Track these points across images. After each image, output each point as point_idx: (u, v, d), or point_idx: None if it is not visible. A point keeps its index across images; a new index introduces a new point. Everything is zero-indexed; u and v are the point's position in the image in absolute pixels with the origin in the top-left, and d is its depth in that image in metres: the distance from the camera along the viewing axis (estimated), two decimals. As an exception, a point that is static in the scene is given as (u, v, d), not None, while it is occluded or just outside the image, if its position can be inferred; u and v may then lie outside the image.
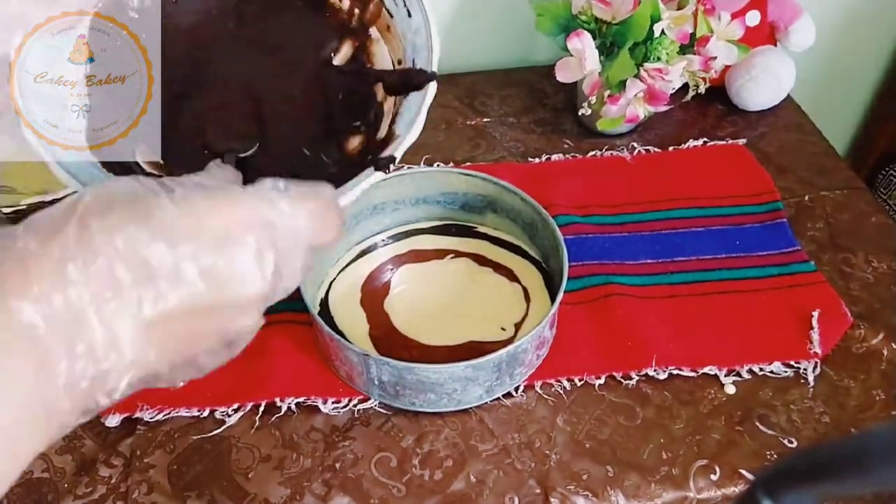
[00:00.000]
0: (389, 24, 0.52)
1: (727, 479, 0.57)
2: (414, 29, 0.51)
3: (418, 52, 0.51)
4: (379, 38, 0.53)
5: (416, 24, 0.50)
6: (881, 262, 0.73)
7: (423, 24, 0.50)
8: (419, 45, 0.50)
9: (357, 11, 0.52)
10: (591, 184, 0.81)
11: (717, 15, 0.77)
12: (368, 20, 0.52)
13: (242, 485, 0.57)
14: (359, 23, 0.53)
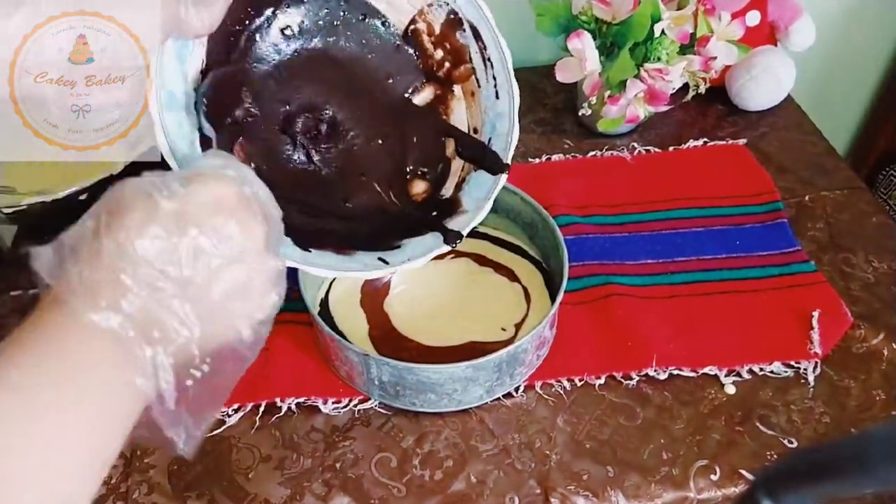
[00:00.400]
0: (475, 92, 0.55)
1: (727, 479, 0.57)
2: (497, 111, 0.53)
3: (497, 136, 0.53)
4: (461, 98, 0.56)
5: (502, 109, 0.53)
6: (881, 262, 0.73)
7: (509, 114, 0.53)
8: (499, 130, 0.53)
9: (447, 65, 0.55)
10: (592, 184, 0.81)
11: (718, 15, 0.77)
12: (455, 77, 0.55)
13: (243, 485, 0.57)
14: (445, 75, 0.55)
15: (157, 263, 0.32)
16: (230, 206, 0.35)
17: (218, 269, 0.34)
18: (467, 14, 0.52)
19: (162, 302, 0.32)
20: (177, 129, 0.48)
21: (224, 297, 0.34)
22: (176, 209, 0.33)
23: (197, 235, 0.33)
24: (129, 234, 0.32)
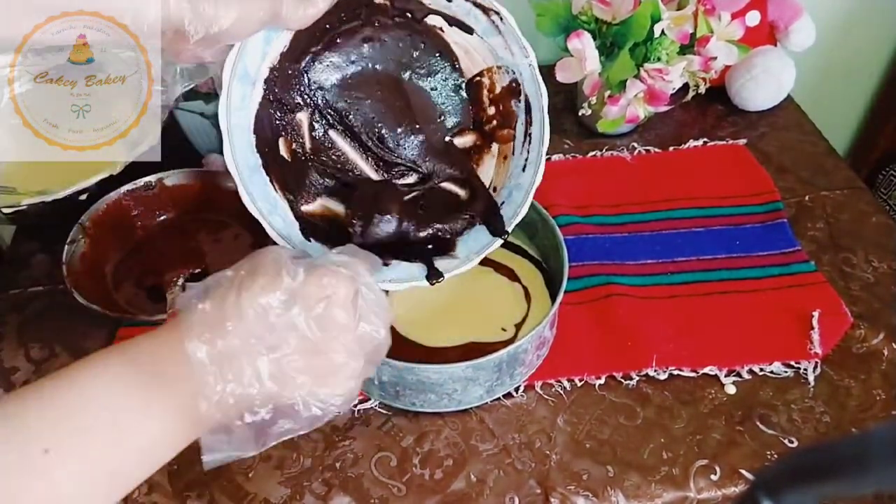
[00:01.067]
0: (507, 157, 0.59)
1: (727, 479, 0.57)
2: (518, 182, 0.57)
3: (509, 204, 0.57)
4: (494, 157, 0.60)
5: (523, 182, 0.57)
6: (881, 262, 0.73)
7: (527, 189, 0.56)
8: (513, 199, 0.57)
9: (495, 123, 0.59)
10: (592, 184, 0.81)
11: (717, 15, 0.77)
12: (498, 136, 0.59)
13: (243, 484, 0.57)
14: (490, 131, 0.60)
15: (258, 325, 0.38)
16: (338, 302, 0.40)
17: (301, 349, 0.39)
18: (527, 88, 0.56)
19: (248, 354, 0.38)
20: (240, 101, 0.50)
21: (297, 372, 0.39)
22: (291, 288, 0.39)
23: (297, 315, 0.39)
24: (248, 294, 0.39)
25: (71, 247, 0.67)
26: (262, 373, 0.39)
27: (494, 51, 0.56)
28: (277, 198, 0.53)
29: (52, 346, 0.67)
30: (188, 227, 0.75)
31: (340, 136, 0.58)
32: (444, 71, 0.59)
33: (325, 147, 0.57)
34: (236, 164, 0.50)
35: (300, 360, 0.40)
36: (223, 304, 0.39)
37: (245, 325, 0.38)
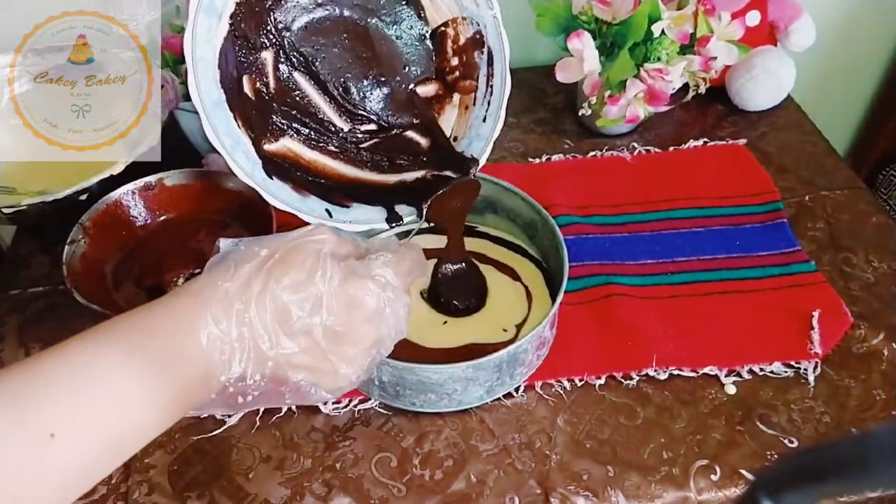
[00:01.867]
0: (468, 107, 0.60)
1: (728, 479, 0.57)
2: (479, 133, 0.58)
3: (467, 153, 0.58)
4: (455, 106, 0.61)
5: (483, 133, 0.58)
6: (881, 262, 0.73)
7: (486, 139, 0.57)
8: (473, 149, 0.58)
9: (457, 73, 0.60)
10: (592, 184, 0.81)
11: (717, 15, 0.77)
12: (460, 87, 0.60)
13: (243, 485, 0.57)
14: (452, 82, 0.60)
15: (275, 322, 0.39)
16: (362, 317, 0.41)
17: (310, 350, 0.40)
18: (490, 40, 0.57)
19: (259, 347, 0.39)
20: (205, 33, 0.50)
21: (299, 369, 0.40)
22: (318, 294, 0.39)
23: (317, 324, 0.40)
24: (275, 287, 0.38)
25: (71, 247, 0.67)
26: (268, 367, 0.39)
27: (460, 1, 0.57)
28: (241, 134, 0.53)
29: (52, 347, 0.67)
30: (188, 227, 0.75)
31: (305, 80, 0.58)
32: (409, 19, 0.59)
33: (289, 89, 0.58)
34: (200, 96, 0.50)
35: (306, 360, 0.40)
36: (247, 290, 0.38)
37: (262, 319, 0.38)
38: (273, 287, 0.38)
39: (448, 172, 0.58)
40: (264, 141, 0.56)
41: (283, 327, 0.39)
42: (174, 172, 0.74)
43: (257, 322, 0.38)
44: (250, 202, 0.72)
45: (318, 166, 0.58)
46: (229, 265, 0.39)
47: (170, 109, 0.75)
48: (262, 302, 0.38)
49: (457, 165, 0.58)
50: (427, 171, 0.59)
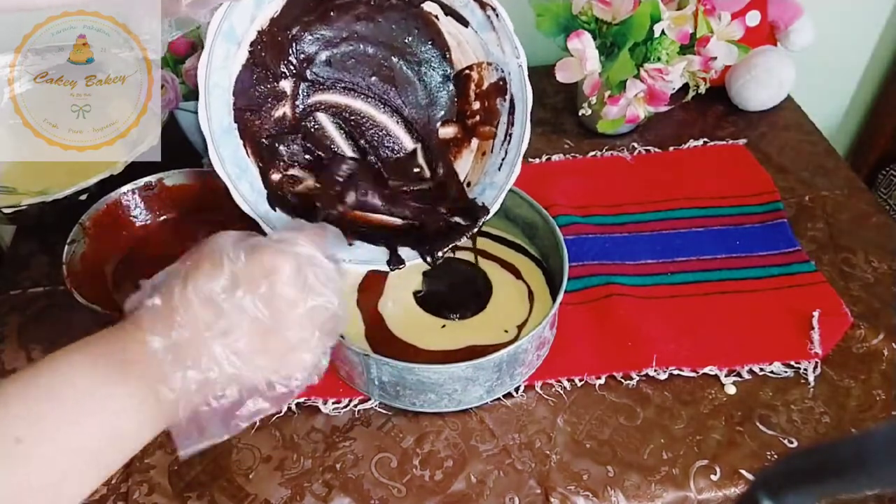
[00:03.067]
0: (485, 153, 0.59)
1: (727, 479, 0.57)
2: (493, 181, 0.58)
3: (479, 200, 0.58)
4: (473, 152, 0.61)
5: (497, 181, 0.57)
6: (881, 262, 0.73)
7: (499, 188, 0.57)
8: (486, 196, 0.58)
9: (478, 118, 0.60)
10: (592, 184, 0.81)
11: (717, 15, 0.77)
12: (479, 132, 0.60)
13: (243, 485, 0.57)
14: (472, 126, 0.60)
15: (206, 312, 0.39)
16: (282, 279, 0.40)
17: (253, 330, 0.40)
18: (513, 89, 0.57)
19: (202, 341, 0.39)
20: (222, 60, 0.50)
21: (253, 353, 0.40)
22: (233, 272, 0.40)
23: (242, 297, 0.39)
24: (194, 284, 0.39)
25: (71, 247, 0.67)
26: (218, 357, 0.39)
27: (486, 46, 0.57)
28: (249, 163, 0.53)
29: (54, 348, 0.67)
30: (188, 227, 0.75)
31: (323, 113, 0.58)
32: (434, 60, 0.59)
33: (305, 120, 0.57)
34: (209, 122, 0.50)
35: (254, 341, 0.40)
36: (171, 298, 0.39)
37: (193, 314, 0.39)
38: (192, 285, 0.39)
39: (457, 219, 0.58)
40: (273, 170, 0.55)
41: (216, 314, 0.39)
42: (174, 172, 0.74)
43: (189, 317, 0.39)
44: (250, 202, 0.72)
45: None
46: (149, 290, 0.41)
47: (170, 109, 0.75)
48: (185, 298, 0.39)
49: (467, 213, 0.57)
50: (436, 215, 0.59)
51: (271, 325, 0.40)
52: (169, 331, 0.38)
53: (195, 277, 0.40)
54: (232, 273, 0.40)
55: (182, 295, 0.39)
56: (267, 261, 0.41)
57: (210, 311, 0.39)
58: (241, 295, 0.39)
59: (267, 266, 0.41)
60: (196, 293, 0.39)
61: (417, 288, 0.68)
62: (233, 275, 0.40)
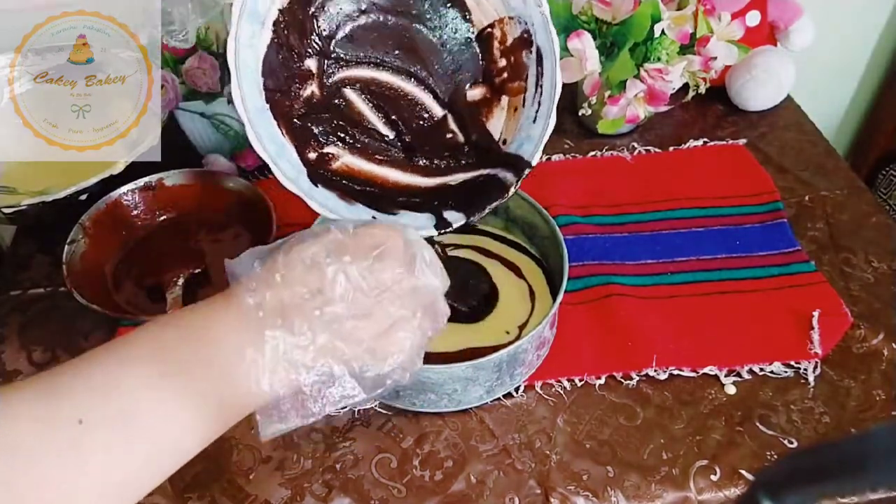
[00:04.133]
0: (517, 108, 0.58)
1: (727, 479, 0.57)
2: (528, 134, 0.56)
3: (519, 150, 0.57)
4: (504, 109, 0.60)
5: (533, 134, 0.56)
6: (881, 262, 0.73)
7: (536, 142, 0.55)
8: (523, 151, 0.56)
9: (505, 75, 0.58)
10: (592, 184, 0.81)
11: (717, 15, 0.77)
12: (508, 89, 0.58)
13: (243, 486, 0.57)
14: (500, 83, 0.59)
15: (308, 275, 0.38)
16: (391, 253, 0.40)
17: (354, 300, 0.38)
18: (539, 39, 0.55)
19: (299, 303, 0.37)
20: (248, 38, 0.50)
21: (351, 324, 0.38)
22: (340, 239, 0.39)
23: (348, 262, 0.38)
24: (300, 247, 0.39)
25: (71, 247, 0.67)
26: (313, 321, 0.37)
27: (506, 0, 0.55)
28: (285, 142, 0.53)
29: (54, 349, 0.67)
30: (188, 227, 0.75)
31: (350, 88, 0.57)
32: (454, 22, 0.58)
33: (333, 97, 0.57)
34: (244, 102, 0.49)
35: (354, 310, 0.38)
36: (274, 262, 0.38)
37: (294, 275, 0.38)
38: (296, 249, 0.39)
39: (500, 172, 0.57)
40: (308, 149, 0.55)
41: (318, 278, 0.38)
42: (174, 172, 0.74)
43: (290, 277, 0.37)
44: (250, 202, 0.72)
45: (363, 173, 0.57)
46: (253, 258, 0.40)
47: (170, 109, 0.75)
48: (287, 261, 0.38)
49: (510, 166, 0.56)
50: (477, 172, 0.58)
51: (374, 297, 0.39)
52: (266, 290, 0.37)
53: (301, 241, 0.39)
54: (340, 241, 0.39)
55: (286, 258, 0.38)
56: (378, 233, 0.40)
57: (314, 275, 0.38)
58: (348, 260, 0.38)
59: (378, 237, 0.40)
60: (301, 255, 0.38)
61: None
62: (341, 242, 0.39)
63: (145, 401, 0.35)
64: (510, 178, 0.56)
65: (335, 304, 0.38)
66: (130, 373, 0.35)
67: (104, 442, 0.33)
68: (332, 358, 0.38)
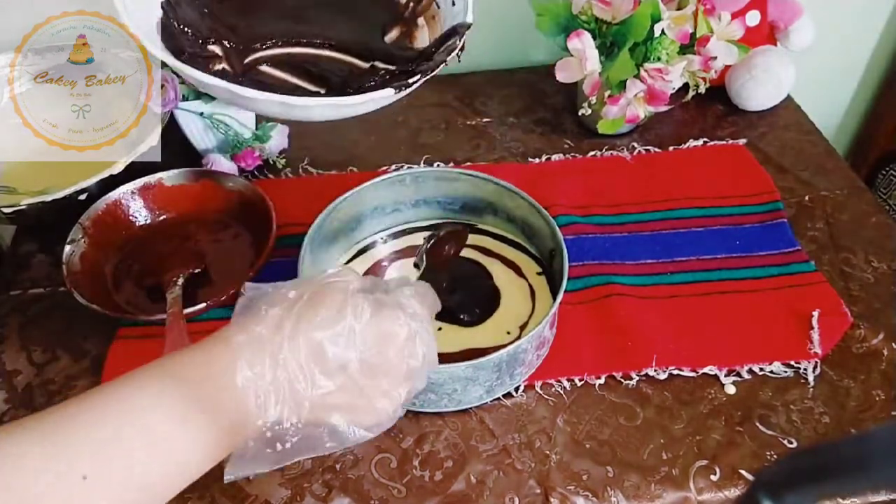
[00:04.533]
0: (435, 15, 0.59)
1: (727, 479, 0.57)
2: (455, 14, 0.57)
3: (455, 20, 0.58)
4: (423, 26, 0.60)
5: (458, 10, 0.56)
6: (881, 262, 0.73)
7: (464, 8, 0.56)
8: (458, 21, 0.57)
9: (411, 5, 0.60)
10: (591, 184, 0.81)
11: (717, 15, 0.77)
12: (419, 11, 0.59)
13: (243, 486, 0.57)
14: (411, 13, 0.60)
15: (310, 361, 0.39)
16: (395, 347, 0.41)
17: (346, 387, 0.40)
18: None
19: (293, 390, 0.39)
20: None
21: (335, 409, 0.40)
22: (350, 327, 0.40)
23: (352, 358, 0.40)
24: (306, 326, 0.39)
25: (71, 247, 0.67)
26: (303, 406, 0.39)
27: None
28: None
29: (54, 349, 0.67)
30: (188, 227, 0.75)
31: (268, 66, 0.58)
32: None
33: (250, 71, 0.57)
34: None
35: (342, 399, 0.40)
36: (279, 332, 0.38)
37: (297, 359, 0.38)
38: (305, 327, 0.39)
39: (443, 47, 0.57)
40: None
41: (319, 365, 0.39)
42: (174, 172, 0.74)
43: (292, 362, 0.38)
44: (250, 202, 0.72)
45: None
46: (259, 308, 0.40)
47: (170, 109, 0.75)
48: (295, 341, 0.38)
49: (449, 37, 0.56)
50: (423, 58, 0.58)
51: (364, 389, 0.41)
52: (266, 371, 0.38)
53: (311, 320, 0.39)
54: (350, 328, 0.40)
55: (292, 335, 0.39)
56: (386, 326, 0.41)
57: (314, 360, 0.39)
58: (352, 356, 0.40)
59: (385, 331, 0.41)
60: (307, 339, 0.39)
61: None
62: (351, 330, 0.40)
63: (147, 432, 0.36)
64: (455, 42, 0.56)
65: (328, 391, 0.40)
66: (134, 407, 0.36)
67: (109, 495, 0.34)
68: (314, 423, 0.41)
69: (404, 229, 0.74)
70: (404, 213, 0.73)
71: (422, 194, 0.72)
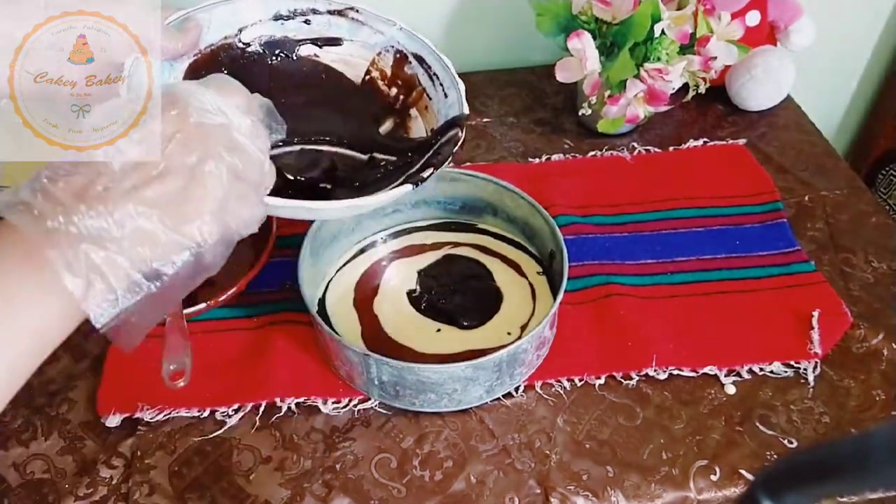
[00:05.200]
0: (427, 105, 0.60)
1: (727, 479, 0.57)
2: (449, 105, 0.58)
3: (450, 111, 0.58)
4: (417, 117, 0.61)
5: (452, 102, 0.57)
6: (881, 262, 0.73)
7: (458, 102, 0.56)
8: (452, 111, 0.57)
9: (402, 97, 0.60)
10: (591, 184, 0.81)
11: (717, 15, 0.77)
12: (410, 103, 0.60)
13: (244, 486, 0.57)
14: (401, 106, 0.60)
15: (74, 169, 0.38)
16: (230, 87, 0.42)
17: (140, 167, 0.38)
18: (410, 48, 0.58)
19: (78, 193, 0.37)
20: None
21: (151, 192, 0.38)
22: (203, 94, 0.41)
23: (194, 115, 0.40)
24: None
25: (71, 247, 0.67)
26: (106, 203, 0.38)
27: (366, 43, 0.58)
28: None
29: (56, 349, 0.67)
30: (188, 228, 0.74)
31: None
32: (336, 90, 0.59)
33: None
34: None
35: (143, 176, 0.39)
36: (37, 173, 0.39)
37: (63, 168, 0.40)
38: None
39: (447, 138, 0.57)
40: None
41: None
42: None
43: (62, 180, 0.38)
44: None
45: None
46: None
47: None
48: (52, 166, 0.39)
49: (448, 129, 0.57)
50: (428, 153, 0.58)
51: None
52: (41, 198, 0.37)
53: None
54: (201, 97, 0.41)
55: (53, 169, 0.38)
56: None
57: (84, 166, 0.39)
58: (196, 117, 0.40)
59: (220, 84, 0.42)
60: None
61: (412, 287, 0.69)
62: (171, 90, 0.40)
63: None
64: (458, 134, 0.56)
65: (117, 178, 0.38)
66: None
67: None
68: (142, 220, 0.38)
69: (404, 229, 0.74)
70: (404, 213, 0.73)
71: (422, 194, 0.72)
